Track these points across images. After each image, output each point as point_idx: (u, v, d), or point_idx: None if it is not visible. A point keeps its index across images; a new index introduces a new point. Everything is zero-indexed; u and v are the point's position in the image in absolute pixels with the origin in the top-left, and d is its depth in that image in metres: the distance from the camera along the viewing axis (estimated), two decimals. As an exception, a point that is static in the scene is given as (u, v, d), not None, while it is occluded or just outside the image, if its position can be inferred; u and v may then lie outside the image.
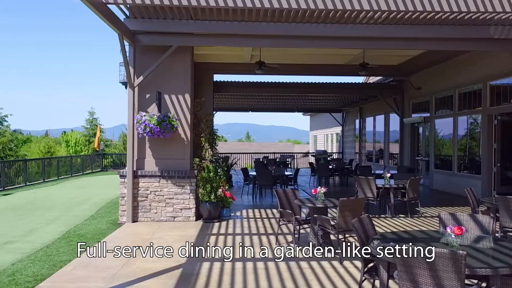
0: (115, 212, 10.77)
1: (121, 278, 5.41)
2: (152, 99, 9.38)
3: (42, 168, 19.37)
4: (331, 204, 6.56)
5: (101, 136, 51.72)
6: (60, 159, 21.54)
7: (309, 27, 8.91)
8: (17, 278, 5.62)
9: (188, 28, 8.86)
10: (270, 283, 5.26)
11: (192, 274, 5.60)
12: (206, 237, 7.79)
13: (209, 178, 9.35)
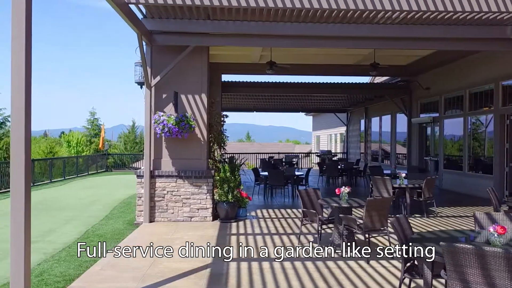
0: (130, 212, 10.76)
1: (151, 278, 5.40)
2: (168, 99, 9.38)
3: (48, 168, 19.33)
4: (356, 204, 6.56)
5: (103, 136, 51.72)
6: (66, 160, 21.49)
7: (325, 27, 8.91)
8: (46, 278, 5.61)
9: (205, 28, 8.86)
10: (301, 283, 5.26)
11: (221, 274, 5.60)
12: (227, 237, 7.78)
13: (226, 178, 9.35)
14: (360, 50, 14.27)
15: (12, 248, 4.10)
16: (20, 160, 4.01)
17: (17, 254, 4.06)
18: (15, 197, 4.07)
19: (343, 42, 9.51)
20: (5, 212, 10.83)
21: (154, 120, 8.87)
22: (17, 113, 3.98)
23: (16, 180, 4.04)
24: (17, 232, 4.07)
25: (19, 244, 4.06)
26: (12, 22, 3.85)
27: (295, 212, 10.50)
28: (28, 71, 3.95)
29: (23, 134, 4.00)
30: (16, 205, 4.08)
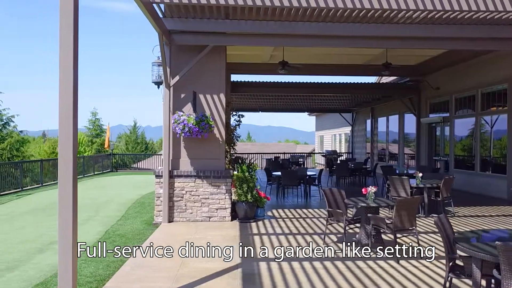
0: (145, 212, 10.74)
1: (185, 278, 5.38)
2: (186, 99, 9.36)
3: (57, 168, 19.27)
4: (384, 204, 6.55)
5: (104, 137, 51.71)
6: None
7: (343, 27, 8.89)
8: (78, 279, 5.57)
9: (223, 28, 8.85)
10: (336, 283, 5.24)
11: (253, 274, 5.58)
12: (250, 237, 7.76)
13: (245, 178, 9.33)
14: (370, 50, 14.29)
15: (60, 244, 4.19)
16: (68, 159, 4.02)
17: (64, 250, 4.14)
18: (63, 197, 4.12)
19: (360, 41, 9.52)
20: (20, 213, 10.81)
21: (173, 120, 8.84)
22: (65, 113, 3.97)
23: (64, 177, 4.11)
24: (65, 229, 4.15)
25: (67, 239, 4.17)
26: (60, 24, 3.84)
27: (311, 212, 10.49)
28: (75, 72, 3.97)
29: (71, 134, 4.02)
30: (63, 204, 4.13)
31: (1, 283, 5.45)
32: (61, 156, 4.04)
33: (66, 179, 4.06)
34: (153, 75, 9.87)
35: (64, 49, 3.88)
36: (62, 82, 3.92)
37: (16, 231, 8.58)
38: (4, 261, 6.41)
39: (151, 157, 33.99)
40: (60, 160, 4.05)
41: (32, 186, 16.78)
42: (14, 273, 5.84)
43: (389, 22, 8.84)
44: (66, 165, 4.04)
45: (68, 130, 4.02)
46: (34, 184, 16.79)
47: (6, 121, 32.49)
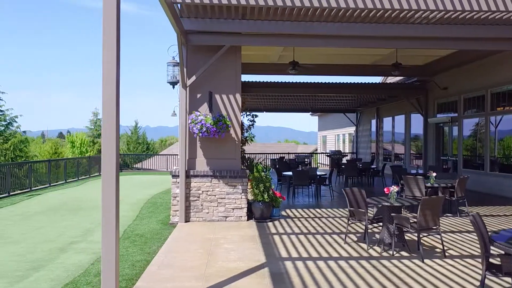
0: (159, 212, 10.75)
1: (213, 278, 5.40)
2: (202, 99, 9.37)
3: (63, 169, 19.28)
4: (407, 203, 6.58)
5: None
6: (79, 160, 21.44)
7: (360, 27, 8.96)
8: (105, 278, 5.59)
9: (240, 28, 8.88)
10: (366, 281, 5.26)
11: (281, 273, 5.60)
12: (269, 236, 7.78)
13: (261, 177, 9.35)
14: (379, 50, 14.37)
15: (103, 242, 4.18)
16: (111, 157, 4.05)
17: (108, 247, 4.14)
18: (106, 194, 4.16)
19: (375, 42, 9.55)
20: (34, 213, 10.81)
21: (190, 120, 8.86)
22: (109, 113, 4.00)
23: (107, 175, 4.14)
24: (109, 225, 4.17)
25: (111, 236, 4.16)
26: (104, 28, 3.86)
27: (324, 211, 10.52)
28: (118, 73, 3.99)
29: (114, 134, 4.04)
30: (107, 202, 4.18)
31: (30, 283, 5.46)
32: (104, 155, 4.06)
33: (110, 177, 4.11)
34: (168, 75, 9.89)
35: (108, 50, 3.90)
36: (106, 83, 3.94)
37: (35, 231, 8.58)
38: (28, 261, 6.42)
39: (152, 157, 34.03)
40: (103, 158, 4.08)
41: (41, 186, 16.75)
42: (40, 273, 5.85)
43: (405, 22, 8.90)
44: (110, 163, 4.08)
45: (112, 131, 4.05)
46: (38, 185, 16.69)
47: (9, 121, 32.48)
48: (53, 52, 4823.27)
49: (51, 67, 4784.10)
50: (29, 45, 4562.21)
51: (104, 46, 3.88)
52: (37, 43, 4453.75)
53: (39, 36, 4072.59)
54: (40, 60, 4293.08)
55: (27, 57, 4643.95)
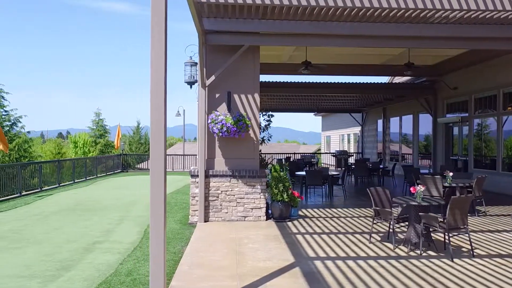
0: (175, 212, 10.74)
1: (247, 277, 5.40)
2: (221, 99, 9.38)
3: (72, 169, 19.27)
4: (435, 203, 6.58)
5: (108, 137, 51.66)
6: (87, 160, 21.43)
7: (378, 27, 8.96)
8: (137, 278, 5.60)
9: (259, 28, 8.88)
10: (400, 281, 5.27)
11: (313, 273, 5.60)
12: (292, 236, 7.78)
13: (280, 177, 9.35)
14: (389, 50, 14.37)
15: (152, 241, 4.26)
16: (159, 156, 4.07)
17: (157, 246, 4.20)
18: (155, 193, 4.24)
19: (393, 41, 9.55)
20: (50, 213, 10.79)
21: (210, 120, 8.86)
22: (157, 116, 4.01)
23: (155, 174, 4.25)
24: (157, 223, 4.28)
25: (159, 235, 4.24)
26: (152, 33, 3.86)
27: (340, 211, 10.52)
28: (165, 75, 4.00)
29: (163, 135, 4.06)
30: (156, 200, 4.27)
31: (64, 282, 5.46)
32: (152, 154, 4.08)
33: (158, 176, 4.18)
34: (186, 75, 9.88)
35: (155, 51, 3.90)
36: (154, 84, 3.95)
37: (55, 231, 8.57)
38: (57, 261, 6.42)
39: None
40: (152, 157, 4.09)
41: (51, 186, 16.73)
42: (71, 273, 5.84)
43: (424, 22, 8.89)
44: (158, 162, 4.12)
45: (160, 131, 4.07)
46: (47, 185, 16.64)
47: (14, 121, 32.40)
48: (53, 52, 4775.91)
49: (51, 67, 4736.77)
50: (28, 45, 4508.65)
51: (152, 54, 3.91)
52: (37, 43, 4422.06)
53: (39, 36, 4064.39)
54: (40, 60, 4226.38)
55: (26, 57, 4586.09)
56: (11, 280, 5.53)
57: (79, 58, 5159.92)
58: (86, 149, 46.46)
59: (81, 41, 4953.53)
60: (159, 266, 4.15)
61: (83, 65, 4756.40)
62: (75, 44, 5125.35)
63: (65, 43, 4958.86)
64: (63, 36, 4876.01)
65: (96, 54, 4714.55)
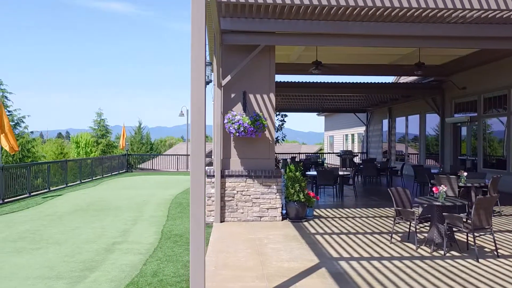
0: (188, 212, 10.69)
1: (275, 278, 5.38)
2: (236, 99, 9.36)
3: (78, 169, 19.24)
4: (459, 203, 6.57)
5: (109, 137, 51.62)
6: (93, 161, 21.40)
7: (395, 26, 8.98)
8: (164, 279, 5.57)
9: (275, 27, 8.87)
10: (429, 281, 5.25)
11: (340, 273, 5.58)
12: (311, 236, 7.76)
13: (296, 177, 9.33)
14: (398, 50, 14.36)
15: (192, 240, 4.25)
16: (200, 156, 4.05)
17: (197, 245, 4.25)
18: (195, 192, 4.16)
19: (410, 41, 9.57)
20: (63, 213, 10.76)
21: (227, 120, 8.84)
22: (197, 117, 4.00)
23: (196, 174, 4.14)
24: (198, 223, 4.20)
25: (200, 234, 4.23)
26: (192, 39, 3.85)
27: (354, 211, 10.50)
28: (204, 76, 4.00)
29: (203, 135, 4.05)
30: (196, 199, 4.16)
31: (91, 283, 5.43)
32: (193, 153, 4.06)
33: (198, 175, 4.11)
34: (200, 75, 9.83)
35: (196, 51, 3.89)
36: (194, 85, 3.95)
37: (72, 231, 8.54)
38: (79, 261, 6.39)
39: (156, 157, 33.83)
40: (192, 156, 4.08)
41: (59, 186, 16.70)
42: (96, 274, 5.82)
43: (441, 21, 8.89)
44: (198, 162, 4.09)
45: (200, 132, 4.06)
46: (49, 186, 16.57)
47: (17, 121, 32.36)
48: (52, 52, 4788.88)
49: (50, 67, 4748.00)
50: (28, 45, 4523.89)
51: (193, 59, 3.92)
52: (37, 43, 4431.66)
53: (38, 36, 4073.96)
54: (39, 60, 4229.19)
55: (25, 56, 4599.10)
56: (39, 281, 5.51)
57: (78, 58, 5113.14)
58: (88, 149, 46.45)
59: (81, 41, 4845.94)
60: (199, 269, 4.12)
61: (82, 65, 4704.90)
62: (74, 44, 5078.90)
63: (64, 43, 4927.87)
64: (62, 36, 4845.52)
65: (96, 54, 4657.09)
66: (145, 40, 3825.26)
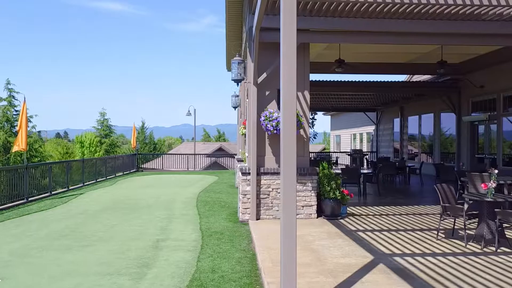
0: (217, 210, 10.70)
1: (338, 273, 5.38)
2: (270, 96, 9.36)
3: (94, 168, 19.20)
4: (510, 199, 6.59)
5: (113, 137, 51.55)
6: (106, 160, 21.35)
7: (430, 24, 8.97)
8: (224, 275, 5.57)
9: (311, 25, 8.88)
10: (495, 277, 5.26)
11: (401, 269, 5.58)
12: (354, 233, 7.76)
13: (331, 175, 9.34)
14: (417, 49, 14.38)
15: (284, 236, 4.35)
16: (291, 156, 4.06)
17: (289, 242, 4.32)
18: (287, 192, 4.27)
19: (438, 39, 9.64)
20: (94, 211, 10.73)
21: (264, 117, 8.83)
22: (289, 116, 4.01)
23: (287, 172, 4.34)
24: (289, 221, 4.31)
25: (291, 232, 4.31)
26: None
27: (384, 209, 10.51)
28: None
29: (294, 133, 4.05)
30: (288, 196, 4.30)
31: (154, 279, 5.42)
32: (285, 153, 4.08)
33: (290, 178, 4.31)
34: (233, 73, 9.85)
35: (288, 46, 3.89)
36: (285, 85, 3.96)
37: (112, 229, 8.52)
38: (132, 258, 6.37)
39: (160, 157, 33.73)
40: (285, 156, 4.10)
41: (76, 185, 16.65)
42: (154, 270, 5.81)
43: (476, 19, 8.90)
44: (290, 165, 4.15)
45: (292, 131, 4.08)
46: (68, 185, 16.47)
47: (24, 121, 32.19)
48: (51, 52, 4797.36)
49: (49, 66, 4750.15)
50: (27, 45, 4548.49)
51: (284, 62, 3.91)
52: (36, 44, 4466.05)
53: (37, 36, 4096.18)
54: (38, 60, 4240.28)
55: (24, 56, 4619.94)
56: (101, 277, 5.49)
57: (78, 58, 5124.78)
58: (93, 149, 46.37)
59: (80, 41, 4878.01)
60: (291, 270, 4.13)
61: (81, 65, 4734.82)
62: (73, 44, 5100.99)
63: (62, 43, 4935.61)
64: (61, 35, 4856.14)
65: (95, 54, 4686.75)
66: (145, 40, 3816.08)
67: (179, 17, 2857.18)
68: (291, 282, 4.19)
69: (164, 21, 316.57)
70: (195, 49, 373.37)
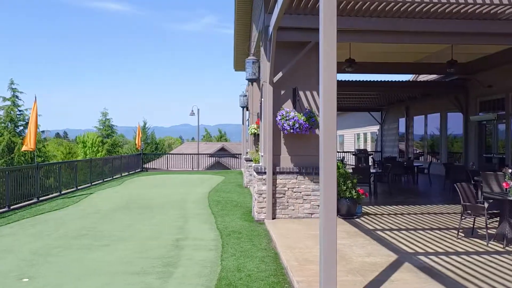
0: (230, 209, 10.69)
1: (366, 272, 5.38)
2: (285, 96, 9.36)
3: (102, 168, 19.18)
4: (533, 198, 6.58)
5: (115, 137, 51.54)
6: (113, 160, 21.33)
7: (446, 23, 8.99)
8: (251, 274, 5.57)
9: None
10: (523, 275, 5.27)
11: (428, 268, 5.58)
12: (372, 232, 7.76)
13: (346, 174, 9.34)
14: (427, 48, 14.39)
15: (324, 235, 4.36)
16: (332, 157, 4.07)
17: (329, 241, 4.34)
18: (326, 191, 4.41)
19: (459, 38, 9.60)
20: (107, 211, 10.71)
21: (280, 116, 8.83)
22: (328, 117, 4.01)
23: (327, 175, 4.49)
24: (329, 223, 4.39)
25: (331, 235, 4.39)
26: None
27: (399, 208, 10.52)
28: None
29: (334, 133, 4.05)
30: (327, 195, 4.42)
31: (181, 278, 5.42)
32: (325, 154, 4.09)
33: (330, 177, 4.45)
34: (247, 72, 9.84)
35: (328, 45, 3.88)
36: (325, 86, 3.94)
37: (129, 228, 8.51)
38: (154, 257, 6.36)
39: (161, 156, 33.60)
40: (325, 156, 4.11)
41: (84, 185, 16.63)
42: (180, 269, 5.80)
43: (491, 18, 8.90)
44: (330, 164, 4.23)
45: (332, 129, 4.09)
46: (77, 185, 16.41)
47: (28, 121, 32.19)
48: (51, 52, 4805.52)
49: (49, 66, 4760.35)
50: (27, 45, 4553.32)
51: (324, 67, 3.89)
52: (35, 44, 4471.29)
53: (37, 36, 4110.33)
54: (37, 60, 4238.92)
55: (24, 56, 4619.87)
56: (128, 276, 5.49)
57: (78, 58, 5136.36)
58: (95, 149, 46.37)
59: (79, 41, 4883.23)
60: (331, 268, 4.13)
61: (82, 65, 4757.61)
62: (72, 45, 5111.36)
63: (62, 43, 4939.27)
64: (60, 35, 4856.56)
65: (95, 54, 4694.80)
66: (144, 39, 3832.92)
67: (179, 17, 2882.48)
68: (331, 281, 4.15)
69: (164, 21, 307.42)
70: (195, 49, 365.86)
